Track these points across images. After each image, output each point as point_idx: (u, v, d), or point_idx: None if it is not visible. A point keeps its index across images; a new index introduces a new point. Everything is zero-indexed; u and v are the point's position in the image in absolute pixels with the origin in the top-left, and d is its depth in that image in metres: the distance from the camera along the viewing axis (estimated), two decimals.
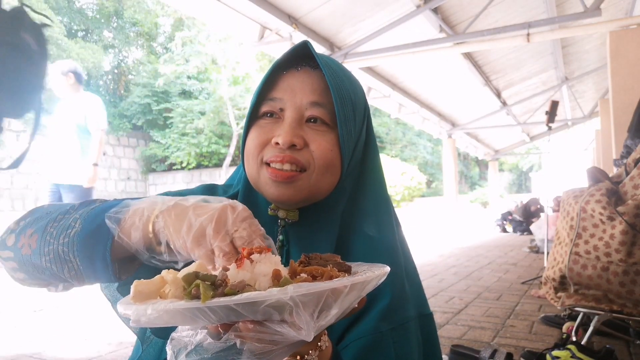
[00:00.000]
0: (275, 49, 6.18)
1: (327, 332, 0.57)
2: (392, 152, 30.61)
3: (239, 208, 0.58)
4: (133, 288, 0.48)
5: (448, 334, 2.80)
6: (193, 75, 24.15)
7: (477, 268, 5.57)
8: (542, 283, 2.71)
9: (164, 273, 0.49)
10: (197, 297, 0.43)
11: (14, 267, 0.67)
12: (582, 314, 2.49)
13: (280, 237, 0.75)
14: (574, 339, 2.41)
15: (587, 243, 2.23)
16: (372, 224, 0.76)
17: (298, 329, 0.42)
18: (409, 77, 8.91)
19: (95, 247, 0.60)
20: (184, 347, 0.47)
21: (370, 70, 7.99)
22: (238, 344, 0.45)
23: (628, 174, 2.26)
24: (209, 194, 0.80)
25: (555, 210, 6.75)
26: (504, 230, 11.85)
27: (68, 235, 0.62)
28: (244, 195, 0.79)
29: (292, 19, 5.71)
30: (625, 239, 2.09)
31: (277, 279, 0.46)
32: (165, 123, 24.06)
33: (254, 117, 0.75)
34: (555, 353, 2.12)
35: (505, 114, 12.52)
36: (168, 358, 0.49)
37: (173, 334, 0.50)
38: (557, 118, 5.72)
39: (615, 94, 5.11)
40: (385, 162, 21.33)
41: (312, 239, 0.74)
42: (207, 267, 0.53)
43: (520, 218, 10.97)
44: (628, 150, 3.01)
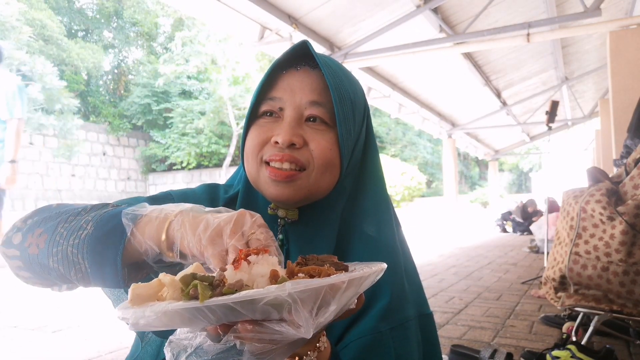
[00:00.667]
0: (275, 49, 6.18)
1: (325, 333, 0.57)
2: (392, 152, 30.62)
3: (257, 215, 0.58)
4: (131, 291, 0.48)
5: (448, 334, 2.80)
6: (193, 75, 24.14)
7: (477, 268, 5.57)
8: (542, 283, 2.71)
9: (161, 276, 0.48)
10: (195, 297, 0.43)
11: (19, 265, 0.67)
12: (582, 314, 2.49)
13: (280, 236, 0.75)
14: (574, 339, 2.41)
15: (587, 243, 2.23)
16: (371, 224, 0.76)
17: (297, 327, 0.42)
18: (409, 77, 8.92)
19: (106, 251, 0.59)
20: (184, 349, 0.47)
21: (370, 70, 8.00)
22: (238, 345, 0.44)
23: (628, 174, 2.26)
24: (211, 193, 0.81)
25: (551, 211, 6.74)
26: (504, 230, 11.85)
27: (79, 237, 0.61)
28: (244, 195, 0.78)
29: (292, 19, 5.71)
30: (625, 239, 2.09)
31: (274, 280, 0.45)
32: (165, 123, 24.06)
33: (254, 116, 0.75)
34: (555, 353, 2.12)
35: (505, 114, 12.53)
36: None
37: (171, 337, 0.49)
38: (557, 118, 5.72)
39: (615, 94, 5.11)
40: (385, 162, 21.33)
41: (311, 238, 0.74)
42: (215, 267, 0.53)
43: (520, 219, 10.98)
44: (628, 151, 3.01)
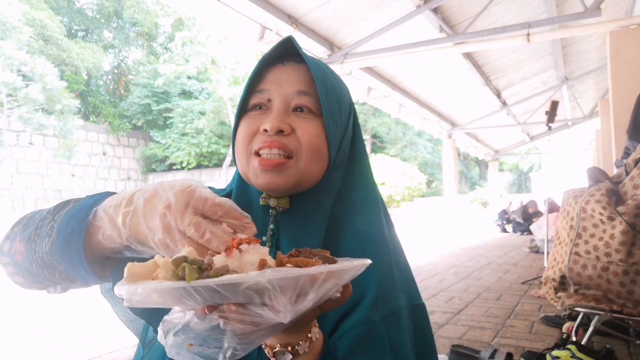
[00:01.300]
0: None
1: (318, 324, 0.59)
2: (392, 152, 30.61)
3: (198, 189, 0.59)
4: (126, 270, 0.50)
5: (448, 334, 2.80)
6: (193, 75, 24.15)
7: (477, 268, 5.57)
8: (542, 283, 2.71)
9: (157, 257, 0.51)
10: (183, 278, 0.46)
11: (12, 271, 0.69)
12: (582, 314, 2.49)
13: (272, 226, 0.77)
14: (574, 339, 2.41)
15: (587, 243, 2.23)
16: (361, 219, 0.78)
17: (276, 312, 0.45)
18: (409, 77, 8.91)
19: (71, 254, 0.61)
20: (173, 327, 0.50)
21: (370, 70, 7.99)
22: (221, 325, 0.47)
23: (628, 174, 2.26)
24: None
25: (551, 211, 6.75)
26: (504, 230, 11.85)
27: (47, 245, 0.63)
28: (238, 191, 0.80)
29: (292, 19, 5.71)
30: (625, 239, 2.09)
31: (262, 268, 0.48)
32: (165, 123, 24.05)
33: (244, 111, 0.77)
34: (555, 353, 2.12)
35: (505, 114, 12.52)
36: (158, 338, 0.51)
37: (165, 317, 0.52)
38: (557, 118, 5.72)
39: (615, 94, 5.11)
40: (385, 162, 21.34)
41: (302, 228, 0.76)
42: (165, 253, 0.56)
43: (520, 219, 10.98)
44: (627, 152, 3.01)
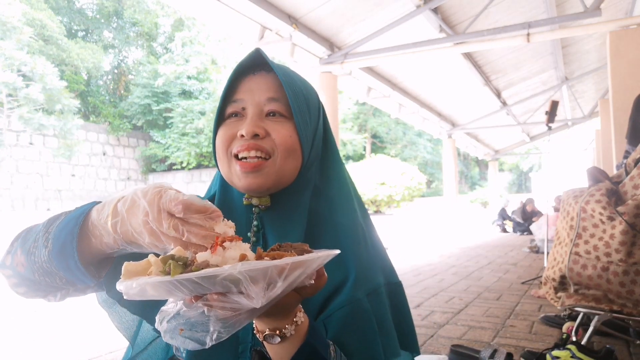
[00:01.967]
0: (275, 49, 6.18)
1: (303, 309, 0.66)
2: (392, 152, 30.61)
3: (166, 192, 0.63)
4: (123, 268, 0.57)
5: (448, 334, 2.80)
6: (193, 76, 24.15)
7: (477, 268, 5.57)
8: (542, 283, 2.71)
9: (150, 257, 0.58)
10: (169, 273, 0.53)
11: (15, 282, 0.76)
12: (582, 314, 2.49)
13: (255, 222, 0.84)
14: (574, 339, 2.41)
15: (587, 243, 2.23)
16: (337, 211, 0.86)
17: (250, 299, 0.52)
18: (409, 77, 8.92)
19: (67, 260, 0.67)
20: (167, 315, 0.57)
21: (370, 70, 8.00)
22: (206, 311, 0.54)
23: (628, 174, 2.26)
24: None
25: (558, 210, 6.76)
26: (504, 230, 11.85)
27: (45, 255, 0.69)
28: (221, 193, 0.88)
29: (292, 19, 5.71)
30: (625, 239, 2.09)
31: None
32: (165, 123, 24.05)
33: (221, 119, 0.84)
34: (555, 353, 2.12)
35: (505, 114, 12.53)
36: (156, 326, 0.58)
37: (162, 308, 0.58)
38: (557, 118, 5.72)
39: (615, 94, 5.11)
40: (385, 162, 21.34)
41: (284, 223, 0.83)
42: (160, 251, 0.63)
43: (519, 219, 10.99)
44: (627, 156, 3.01)
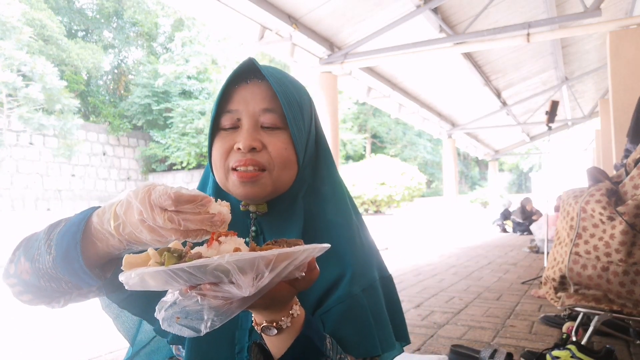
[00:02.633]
0: (275, 49, 6.18)
1: (299, 302, 0.69)
2: (392, 152, 30.59)
3: (156, 187, 0.64)
4: (124, 260, 0.60)
5: (448, 334, 2.80)
6: (193, 75, 24.13)
7: (477, 268, 5.57)
8: (542, 283, 2.71)
9: (149, 249, 0.61)
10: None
11: (20, 290, 0.77)
12: (582, 314, 2.49)
13: (253, 227, 0.86)
14: (574, 339, 2.41)
15: (587, 243, 2.23)
16: (331, 208, 0.88)
17: (240, 288, 0.54)
18: (409, 77, 8.91)
19: (72, 265, 0.68)
20: (165, 304, 0.60)
21: (370, 70, 7.99)
22: (200, 300, 0.57)
23: (628, 174, 2.26)
24: None
25: (558, 209, 6.76)
26: (504, 230, 11.85)
27: (49, 261, 0.70)
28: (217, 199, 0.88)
29: (292, 19, 5.71)
30: (625, 239, 2.09)
31: None
32: (165, 123, 24.03)
33: (216, 129, 0.85)
34: (555, 353, 2.12)
35: (505, 114, 12.52)
36: (155, 315, 0.60)
37: (163, 299, 0.61)
38: (557, 118, 5.72)
39: (615, 94, 5.11)
40: (385, 162, 21.33)
41: (282, 227, 0.85)
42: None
43: (519, 219, 10.99)
44: (627, 155, 3.01)
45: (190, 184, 22.67)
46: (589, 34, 7.57)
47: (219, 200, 0.65)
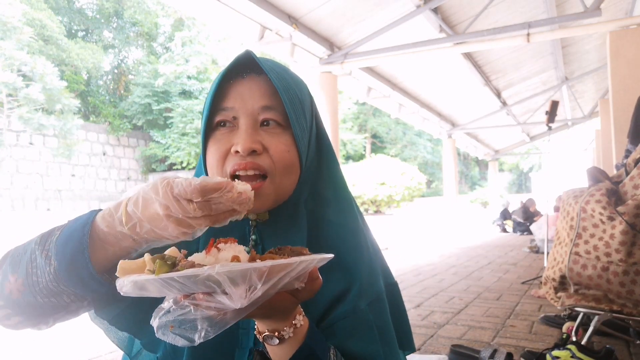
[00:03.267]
0: (275, 49, 6.18)
1: (303, 312, 0.66)
2: (392, 152, 30.60)
3: (173, 182, 0.61)
4: (118, 267, 0.59)
5: (448, 334, 2.80)
6: (193, 75, 24.14)
7: (477, 268, 5.57)
8: (542, 283, 2.71)
9: (146, 256, 0.59)
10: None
11: (8, 313, 0.70)
12: (582, 314, 2.49)
13: (253, 236, 0.80)
14: (574, 339, 2.41)
15: (587, 243, 2.23)
16: (334, 211, 0.82)
17: (232, 299, 0.53)
18: (409, 77, 8.91)
19: (80, 272, 0.64)
20: (160, 312, 0.59)
21: (370, 70, 7.99)
22: (192, 310, 0.56)
23: (628, 174, 2.26)
24: None
25: (558, 210, 6.76)
26: (504, 230, 11.85)
27: (50, 273, 0.65)
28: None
29: (292, 19, 5.71)
30: (625, 239, 2.09)
31: None
32: (165, 123, 24.04)
33: (209, 128, 0.77)
34: (555, 353, 2.12)
35: (505, 114, 12.52)
36: (151, 322, 0.59)
37: (160, 305, 0.60)
38: (557, 118, 5.72)
39: (615, 94, 5.11)
40: (385, 162, 21.33)
41: (284, 235, 0.79)
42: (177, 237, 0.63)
43: (520, 219, 10.99)
44: (628, 155, 3.01)
45: None
46: (589, 34, 7.57)
47: (237, 180, 0.64)
